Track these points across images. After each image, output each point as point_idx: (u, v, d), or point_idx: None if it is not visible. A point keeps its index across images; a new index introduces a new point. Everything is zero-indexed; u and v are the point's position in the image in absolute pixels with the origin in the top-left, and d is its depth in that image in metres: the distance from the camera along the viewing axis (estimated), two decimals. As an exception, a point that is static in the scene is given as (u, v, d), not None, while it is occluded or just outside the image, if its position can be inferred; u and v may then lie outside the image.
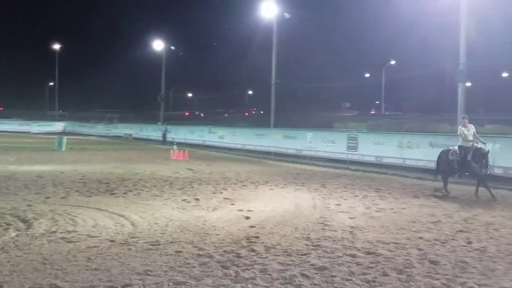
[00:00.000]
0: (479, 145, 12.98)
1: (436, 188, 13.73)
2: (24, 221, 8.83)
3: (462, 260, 6.80)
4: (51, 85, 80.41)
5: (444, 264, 6.60)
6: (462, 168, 12.98)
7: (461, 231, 8.74)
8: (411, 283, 5.79)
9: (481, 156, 12.58)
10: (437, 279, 5.96)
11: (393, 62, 69.64)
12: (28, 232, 8.04)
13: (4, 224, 8.49)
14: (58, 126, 60.39)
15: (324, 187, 14.30)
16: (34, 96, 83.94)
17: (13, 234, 7.88)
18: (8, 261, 6.40)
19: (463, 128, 13.04)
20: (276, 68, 31.94)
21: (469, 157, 12.67)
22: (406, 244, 7.69)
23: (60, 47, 72.83)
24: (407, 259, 6.80)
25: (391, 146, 19.98)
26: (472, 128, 13.02)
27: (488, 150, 13.10)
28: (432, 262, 6.68)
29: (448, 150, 13.56)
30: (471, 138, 12.89)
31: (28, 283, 5.57)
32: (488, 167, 12.76)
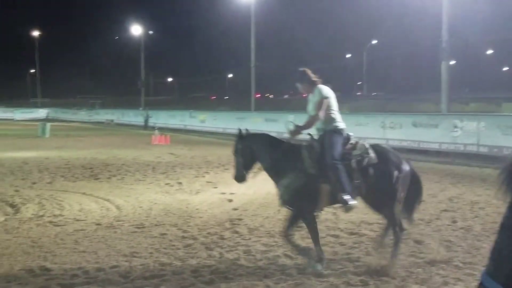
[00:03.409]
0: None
1: None
2: (12, 205, 9.02)
3: (447, 239, 6.82)
4: (32, 72, 79.46)
5: (429, 243, 6.59)
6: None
7: (445, 210, 8.75)
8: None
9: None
10: (422, 258, 6.02)
11: (374, 42, 69.72)
12: (16, 216, 8.23)
13: (-7, 209, 8.65)
14: (41, 112, 59.94)
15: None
16: (16, 83, 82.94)
17: (2, 219, 8.07)
18: (-2, 245, 6.58)
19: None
20: (255, 51, 32.00)
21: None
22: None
23: (40, 34, 71.93)
24: (391, 238, 6.87)
25: (374, 127, 20.36)
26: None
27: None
28: (417, 241, 6.74)
29: None
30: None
31: (18, 265, 5.76)
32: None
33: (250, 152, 5.95)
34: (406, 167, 5.82)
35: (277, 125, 26.34)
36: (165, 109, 45.98)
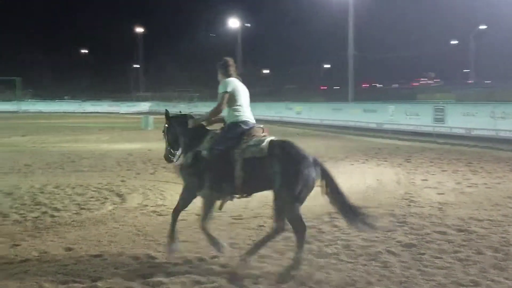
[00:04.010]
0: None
1: None
2: (119, 195, 9.53)
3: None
4: (136, 67, 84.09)
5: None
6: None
7: (557, 206, 8.06)
8: (509, 261, 5.51)
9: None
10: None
11: (482, 27, 65.47)
12: (123, 206, 8.66)
13: (102, 198, 9.23)
14: (144, 106, 63.39)
15: (408, 162, 13.91)
16: (122, 78, 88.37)
17: (110, 207, 8.53)
18: (107, 232, 6.96)
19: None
20: (353, 39, 31.26)
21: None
22: (502, 221, 7.29)
23: (142, 31, 75.90)
24: (504, 237, 6.44)
25: (483, 117, 19.12)
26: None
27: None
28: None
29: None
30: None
31: (125, 253, 6.01)
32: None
33: (174, 132, 6.22)
34: (307, 167, 5.42)
35: (375, 116, 25.59)
36: (261, 101, 46.50)
